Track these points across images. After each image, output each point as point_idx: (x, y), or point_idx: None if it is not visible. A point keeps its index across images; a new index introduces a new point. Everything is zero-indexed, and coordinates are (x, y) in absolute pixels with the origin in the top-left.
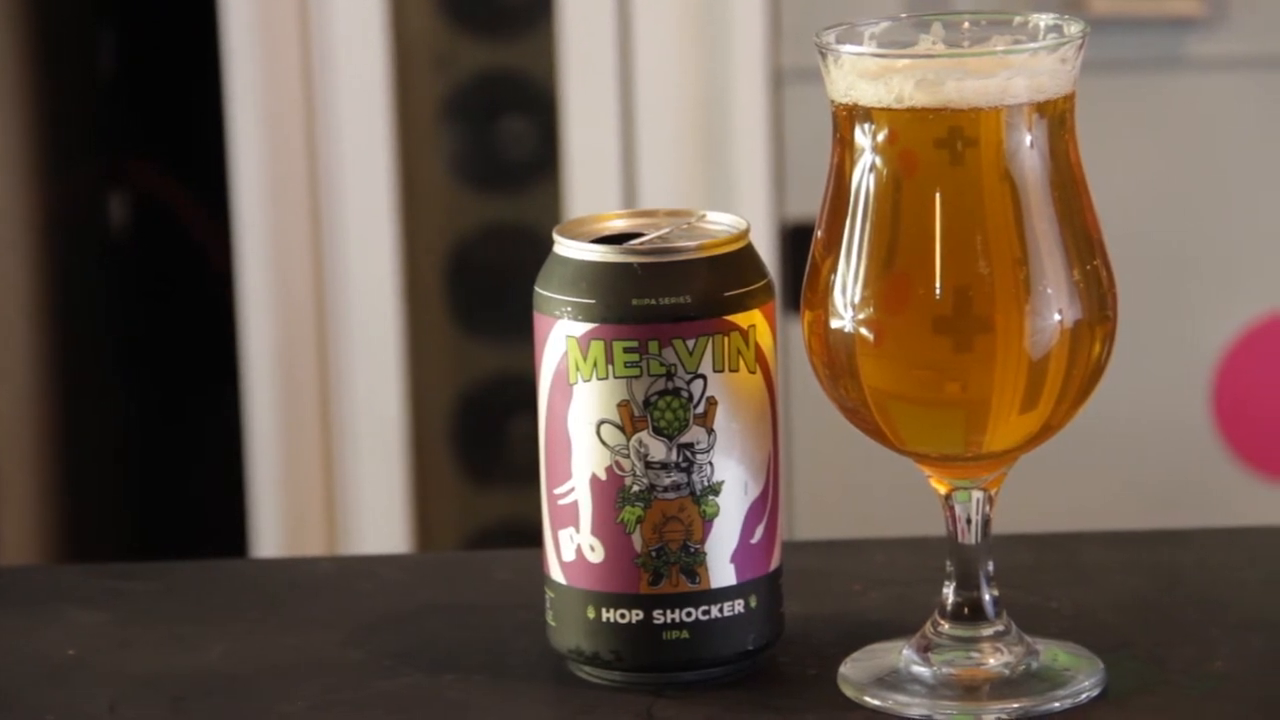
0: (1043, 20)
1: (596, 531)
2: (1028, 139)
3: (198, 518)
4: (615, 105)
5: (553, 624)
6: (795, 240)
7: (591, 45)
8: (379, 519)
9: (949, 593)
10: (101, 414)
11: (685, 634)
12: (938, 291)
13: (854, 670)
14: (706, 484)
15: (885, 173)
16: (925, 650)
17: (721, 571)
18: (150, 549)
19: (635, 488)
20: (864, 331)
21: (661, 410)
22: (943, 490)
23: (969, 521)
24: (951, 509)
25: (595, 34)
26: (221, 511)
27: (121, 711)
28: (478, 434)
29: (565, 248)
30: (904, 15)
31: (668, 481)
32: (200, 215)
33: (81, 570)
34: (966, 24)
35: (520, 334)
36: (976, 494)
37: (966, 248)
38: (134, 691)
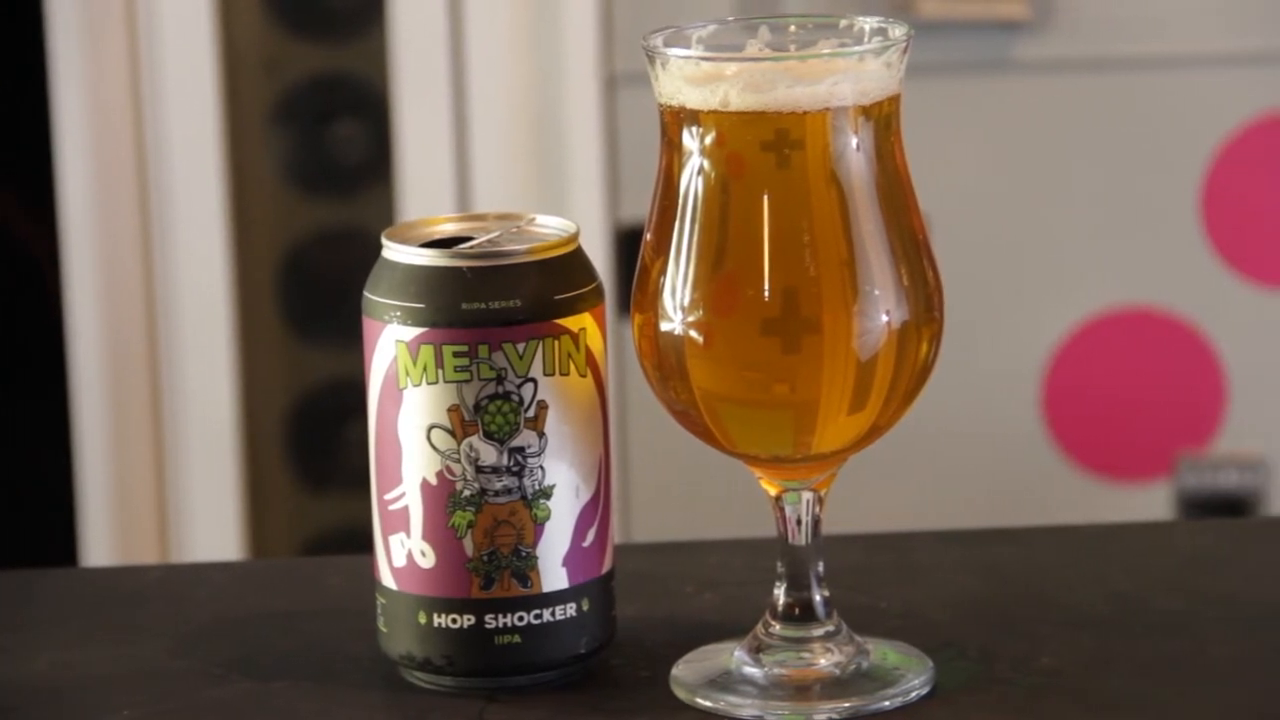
0: (868, 24)
1: (427, 536)
2: (854, 141)
3: (26, 526)
4: (448, 109)
5: (384, 630)
6: (628, 243)
7: (423, 48)
8: (212, 526)
9: (780, 593)
10: None
11: (517, 638)
12: (765, 293)
13: (686, 672)
14: (538, 488)
15: (713, 175)
16: (756, 651)
17: (553, 575)
18: None
19: (466, 492)
20: (693, 334)
21: (492, 414)
22: (773, 492)
23: (799, 522)
24: (782, 510)
25: (427, 37)
26: (50, 519)
27: None
28: (311, 440)
29: (394, 252)
30: (731, 19)
31: (499, 486)
32: (27, 220)
33: None
34: (793, 27)
35: (353, 339)
36: (806, 495)
37: (794, 250)
38: None
